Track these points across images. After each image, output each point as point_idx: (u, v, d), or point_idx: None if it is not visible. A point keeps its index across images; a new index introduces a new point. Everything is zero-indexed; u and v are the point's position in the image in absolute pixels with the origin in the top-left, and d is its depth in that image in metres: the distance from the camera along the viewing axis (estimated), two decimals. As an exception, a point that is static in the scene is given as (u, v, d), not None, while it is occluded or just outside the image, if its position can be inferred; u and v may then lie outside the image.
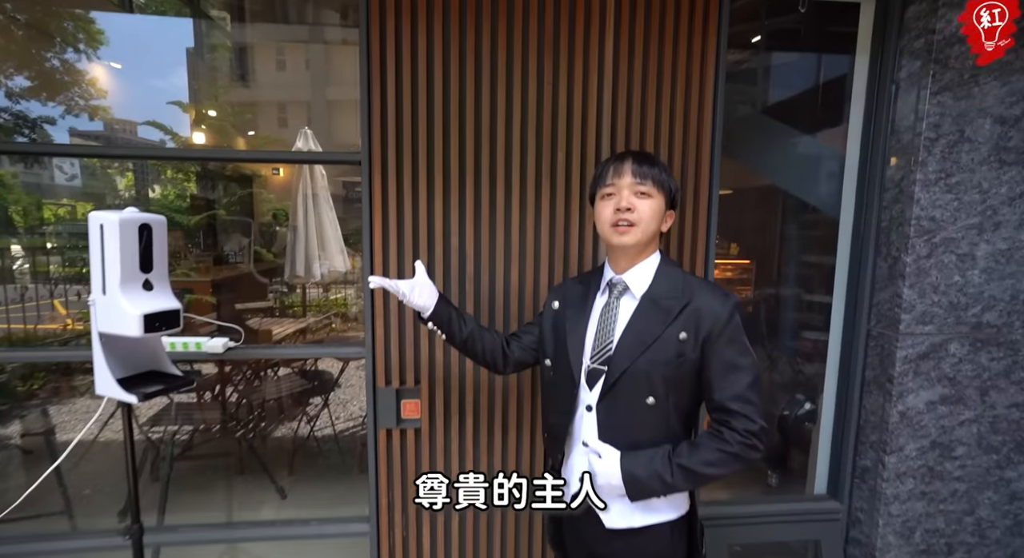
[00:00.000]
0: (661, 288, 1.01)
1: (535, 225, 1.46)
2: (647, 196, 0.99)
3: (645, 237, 1.00)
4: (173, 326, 1.15)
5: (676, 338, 0.97)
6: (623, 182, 0.99)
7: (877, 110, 1.55)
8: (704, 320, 0.97)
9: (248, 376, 3.11)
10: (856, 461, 1.66)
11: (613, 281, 1.05)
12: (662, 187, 1.00)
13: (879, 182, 1.56)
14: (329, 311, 5.09)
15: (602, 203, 1.03)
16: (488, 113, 1.42)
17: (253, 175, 5.49)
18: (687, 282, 1.01)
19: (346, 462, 2.89)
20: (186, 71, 6.38)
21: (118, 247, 1.04)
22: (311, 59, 8.73)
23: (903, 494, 1.56)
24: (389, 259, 1.44)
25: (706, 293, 0.99)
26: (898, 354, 1.50)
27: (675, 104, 1.46)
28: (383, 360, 1.48)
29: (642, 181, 0.98)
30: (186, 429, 2.73)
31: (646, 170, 0.99)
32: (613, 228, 1.00)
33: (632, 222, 0.98)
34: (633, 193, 0.99)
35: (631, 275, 1.03)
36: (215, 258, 4.47)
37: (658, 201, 1.00)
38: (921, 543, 1.58)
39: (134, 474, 1.19)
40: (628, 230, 0.98)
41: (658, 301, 1.00)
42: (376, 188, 1.42)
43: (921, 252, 1.46)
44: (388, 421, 1.49)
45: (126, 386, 1.13)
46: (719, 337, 0.96)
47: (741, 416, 0.94)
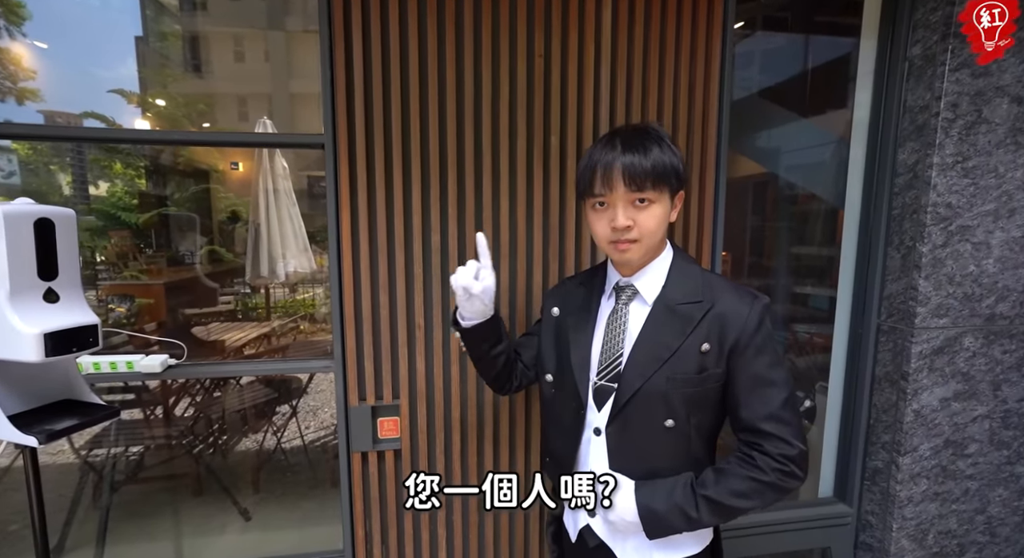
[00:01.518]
0: (677, 291, 0.85)
1: (526, 218, 1.28)
2: (648, 203, 0.80)
3: (651, 247, 0.84)
4: (89, 345, 0.91)
5: (697, 350, 0.81)
6: (615, 195, 0.80)
7: (888, 91, 1.43)
8: (729, 327, 0.81)
9: (207, 387, 2.81)
10: (866, 462, 1.56)
11: (620, 284, 0.89)
12: (664, 180, 0.80)
13: (890, 167, 1.44)
14: (296, 313, 4.77)
15: (593, 214, 0.85)
16: (471, 91, 1.23)
17: (210, 170, 5.08)
18: (708, 282, 0.85)
19: (317, 476, 2.65)
20: (135, 60, 5.86)
21: (3, 249, 0.79)
22: (272, 50, 8.24)
23: (917, 496, 1.46)
24: (360, 258, 1.23)
25: (730, 295, 0.83)
26: (913, 349, 1.39)
27: (679, 79, 1.30)
28: (355, 373, 1.27)
29: (639, 188, 0.78)
30: (134, 449, 2.42)
31: (640, 172, 0.78)
32: (612, 245, 0.83)
33: (633, 239, 0.81)
34: (629, 204, 0.80)
35: (641, 279, 0.88)
36: (169, 259, 4.10)
37: (661, 203, 0.81)
38: (934, 545, 1.50)
39: (43, 531, 0.94)
40: (630, 247, 0.82)
41: (674, 307, 0.84)
42: (343, 177, 1.20)
43: (937, 241, 1.35)
44: (363, 443, 1.29)
45: (27, 422, 0.88)
46: (747, 347, 0.80)
47: (776, 438, 0.78)
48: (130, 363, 1.20)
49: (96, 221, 4.46)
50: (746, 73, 1.87)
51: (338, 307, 1.24)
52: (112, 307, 3.50)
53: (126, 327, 3.35)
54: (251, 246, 3.20)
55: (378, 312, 1.26)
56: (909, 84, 1.39)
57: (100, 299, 3.82)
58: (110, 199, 5.14)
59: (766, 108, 1.85)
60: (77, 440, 2.46)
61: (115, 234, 4.20)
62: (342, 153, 1.19)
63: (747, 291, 0.84)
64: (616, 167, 0.78)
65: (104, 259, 4.09)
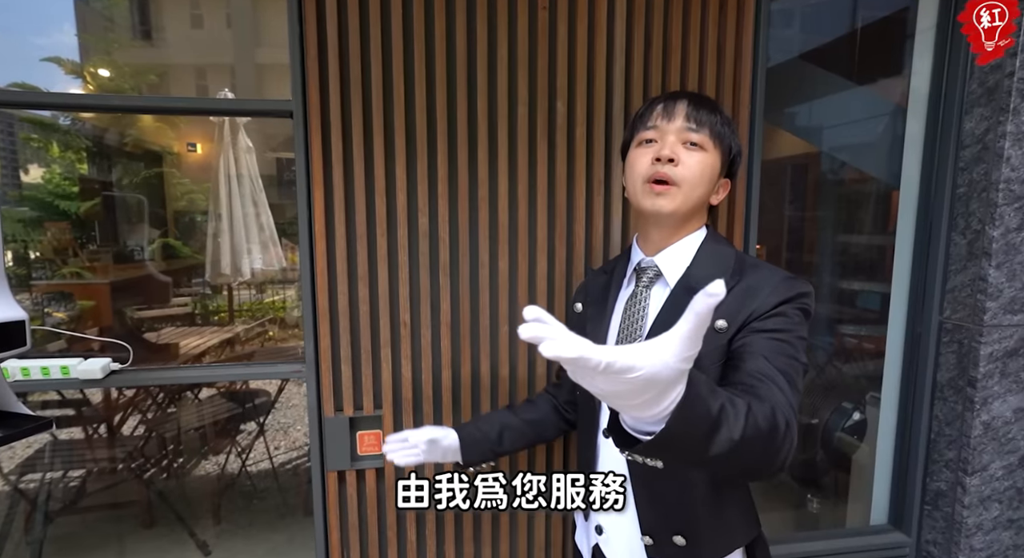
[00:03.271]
0: (702, 270, 0.84)
1: (528, 198, 1.26)
2: (699, 148, 0.83)
3: (688, 203, 0.84)
4: (14, 346, 0.89)
5: (712, 329, 0.79)
6: (671, 126, 0.84)
7: (952, 48, 1.41)
8: (750, 299, 0.79)
9: (159, 401, 2.79)
10: (927, 484, 1.54)
11: (642, 265, 0.90)
12: (720, 141, 0.85)
13: (954, 138, 1.43)
14: (263, 316, 4.76)
15: (637, 151, 0.87)
16: (465, 51, 1.21)
17: (163, 152, 5.06)
18: (740, 262, 0.84)
19: (288, 503, 2.64)
20: (74, 25, 5.85)
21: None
22: (235, 14, 8.22)
23: (987, 523, 1.44)
24: (335, 244, 1.21)
25: (763, 271, 0.82)
26: (982, 351, 1.37)
27: (706, 39, 1.29)
28: (330, 380, 1.25)
29: (697, 128, 0.83)
30: (74, 474, 2.41)
31: (704, 116, 0.83)
32: (647, 186, 0.84)
33: (674, 180, 0.82)
34: (682, 142, 0.83)
35: (666, 257, 0.88)
36: (116, 255, 4.07)
37: (712, 158, 0.84)
38: (1006, 580, 1.48)
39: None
40: (667, 190, 0.83)
41: (695, 287, 0.78)
42: (315, 150, 1.18)
43: (1011, 224, 1.33)
44: (340, 461, 1.27)
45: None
46: (764, 318, 0.77)
47: (771, 386, 0.69)
48: (65, 368, 1.18)
49: (29, 211, 4.43)
50: (785, 33, 1.85)
51: (311, 302, 1.22)
52: (48, 311, 3.48)
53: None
54: (212, 239, 3.18)
55: (357, 308, 1.24)
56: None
57: (35, 302, 3.80)
58: (46, 186, 5.11)
59: (808, 74, 1.83)
60: (6, 463, 2.44)
61: (52, 226, 4.17)
62: (313, 122, 1.17)
63: (788, 274, 0.82)
64: (680, 102, 0.84)
65: (39, 255, 4.07)
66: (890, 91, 1.64)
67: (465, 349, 1.28)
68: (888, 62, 1.66)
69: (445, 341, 1.27)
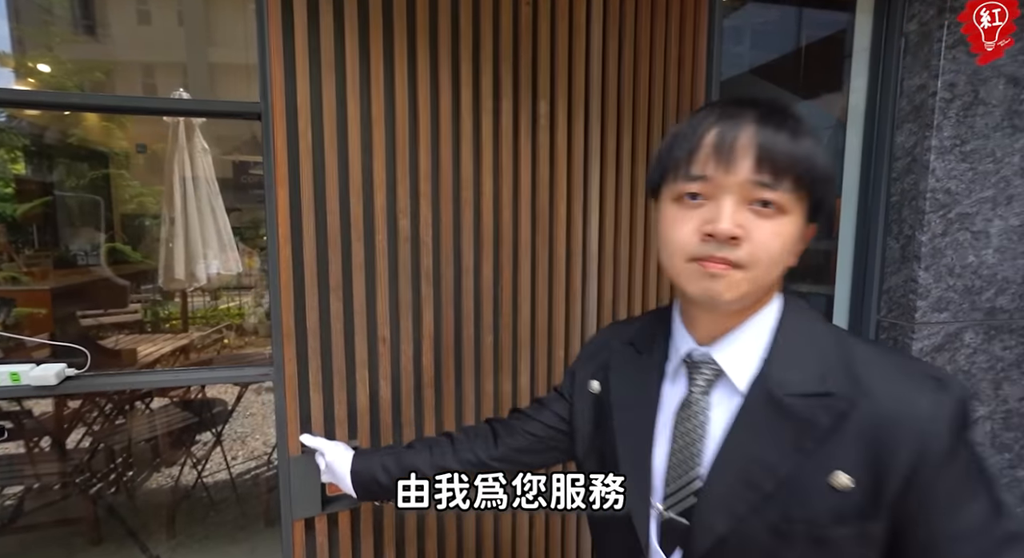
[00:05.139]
0: (786, 368, 0.58)
1: (512, 200, 1.24)
2: (777, 212, 0.54)
3: (758, 287, 0.57)
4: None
5: (826, 484, 0.54)
6: (731, 179, 0.54)
7: (884, 68, 1.53)
8: (895, 446, 0.52)
9: (107, 412, 2.67)
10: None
11: (694, 357, 0.64)
12: (807, 188, 0.55)
13: (888, 151, 1.55)
14: (219, 323, 4.60)
15: (678, 210, 0.58)
16: (448, 44, 1.16)
17: (109, 153, 4.83)
18: (847, 357, 0.57)
19: (247, 513, 2.57)
20: (7, 17, 5.52)
21: None
22: (186, 11, 7.94)
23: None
24: (303, 252, 1.12)
25: (892, 381, 0.55)
26: (913, 347, 1.49)
27: (669, 47, 1.34)
28: (296, 412, 1.13)
29: (774, 182, 0.53)
30: (12, 491, 2.27)
31: (783, 154, 0.53)
32: (696, 264, 0.56)
33: (738, 262, 0.54)
34: (748, 202, 0.54)
35: (727, 349, 0.61)
36: (57, 259, 3.86)
37: (794, 220, 0.56)
38: None
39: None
40: (726, 272, 0.54)
41: (784, 400, 0.57)
42: (279, 151, 1.08)
43: (936, 229, 1.46)
44: (308, 506, 1.12)
45: None
46: (935, 481, 0.52)
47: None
48: (15, 374, 1.11)
49: (-41, 213, 4.14)
50: (736, 49, 1.95)
51: (277, 318, 1.12)
52: (-18, 318, 3.26)
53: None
54: (164, 243, 3.07)
55: (328, 323, 1.14)
56: (906, 61, 1.50)
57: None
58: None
59: (759, 88, 1.95)
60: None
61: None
62: (278, 123, 1.07)
63: (925, 373, 0.56)
64: (745, 135, 0.54)
65: (-29, 260, 3.81)
66: (832, 106, 1.76)
67: (448, 364, 1.23)
68: (830, 79, 1.78)
69: (427, 357, 1.21)
